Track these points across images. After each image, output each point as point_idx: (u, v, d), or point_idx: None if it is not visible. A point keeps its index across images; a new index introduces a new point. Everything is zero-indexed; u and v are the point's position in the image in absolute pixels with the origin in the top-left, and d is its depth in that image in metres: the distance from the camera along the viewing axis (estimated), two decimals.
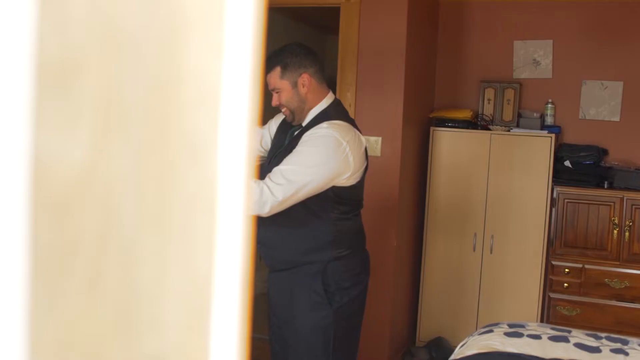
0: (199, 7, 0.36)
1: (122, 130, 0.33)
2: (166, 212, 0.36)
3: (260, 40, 0.40)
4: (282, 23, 5.70)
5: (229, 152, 0.38)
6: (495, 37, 4.62)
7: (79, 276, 0.30)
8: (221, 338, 0.38)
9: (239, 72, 0.39)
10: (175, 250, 0.37)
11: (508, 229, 4.32)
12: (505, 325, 2.80)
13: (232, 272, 0.38)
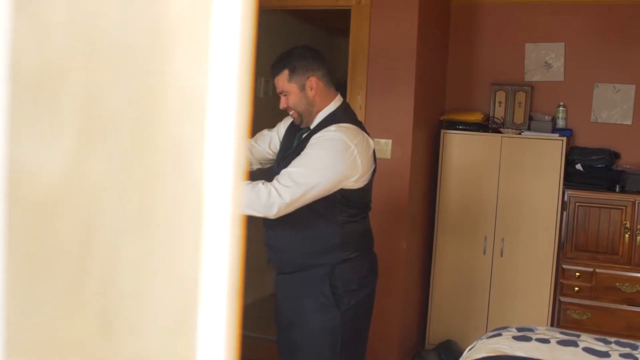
0: (184, 15, 0.37)
1: (104, 137, 0.33)
2: (150, 216, 0.36)
3: (249, 47, 0.41)
4: (293, 25, 5.71)
5: (215, 158, 0.38)
6: (506, 40, 4.61)
7: (60, 280, 0.31)
8: (209, 341, 0.39)
9: (226, 79, 0.39)
10: (159, 254, 0.37)
11: (519, 232, 4.30)
12: (513, 329, 2.79)
13: (220, 276, 0.39)
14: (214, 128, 0.38)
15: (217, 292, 0.39)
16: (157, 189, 0.36)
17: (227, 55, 0.38)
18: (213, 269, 0.38)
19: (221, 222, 0.39)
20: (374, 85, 4.05)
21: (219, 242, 0.39)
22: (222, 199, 0.39)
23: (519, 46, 4.57)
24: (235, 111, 0.39)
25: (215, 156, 0.38)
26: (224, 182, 0.38)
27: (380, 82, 4.03)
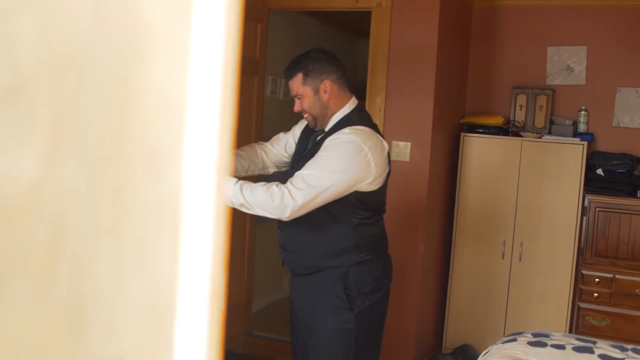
0: (162, 22, 0.38)
1: (75, 145, 0.34)
2: (124, 220, 0.37)
3: (234, 55, 0.41)
4: (315, 27, 5.73)
5: (196, 163, 0.39)
6: (528, 43, 4.57)
7: (28, 283, 0.32)
8: (188, 345, 0.39)
9: (208, 84, 0.40)
10: (134, 256, 0.38)
11: (538, 237, 4.27)
12: (529, 334, 2.77)
13: (201, 279, 0.40)
14: (194, 133, 0.39)
15: (198, 295, 0.39)
16: (133, 193, 0.37)
17: (209, 61, 0.39)
18: (193, 271, 0.39)
19: (202, 226, 0.39)
20: (393, 88, 4.05)
21: (199, 245, 0.39)
22: (203, 203, 0.39)
23: (541, 49, 4.54)
24: (219, 116, 0.40)
25: (196, 161, 0.39)
26: (205, 186, 0.39)
27: (400, 84, 4.02)
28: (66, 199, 0.33)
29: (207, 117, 0.39)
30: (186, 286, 0.40)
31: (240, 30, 0.44)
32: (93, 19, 0.33)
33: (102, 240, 0.36)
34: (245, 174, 2.93)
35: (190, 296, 0.40)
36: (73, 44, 0.33)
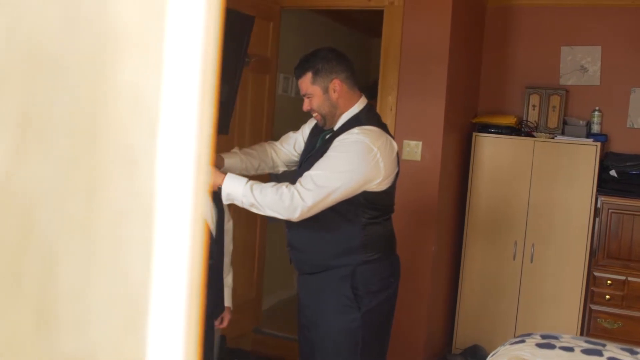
0: (133, 24, 0.38)
1: (44, 142, 0.34)
2: (95, 218, 0.37)
3: (213, 55, 0.41)
4: (327, 25, 5.72)
5: (171, 162, 0.39)
6: (542, 43, 4.54)
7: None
8: (164, 341, 0.39)
9: (184, 85, 0.40)
10: (103, 255, 0.38)
11: (549, 238, 4.24)
12: (538, 336, 2.75)
13: (176, 276, 0.40)
14: (170, 132, 0.39)
15: (173, 292, 0.40)
16: (104, 190, 0.37)
17: (186, 62, 0.39)
18: (168, 269, 0.39)
19: (178, 225, 0.39)
20: (405, 87, 4.04)
21: (175, 243, 0.39)
22: (180, 200, 0.39)
23: (555, 49, 4.50)
24: (197, 115, 0.40)
25: (172, 159, 0.39)
26: (182, 184, 0.39)
27: (411, 83, 4.01)
28: (35, 195, 0.33)
29: (184, 116, 0.39)
30: (161, 283, 0.40)
31: (220, 31, 0.44)
32: (61, 20, 0.33)
33: (71, 237, 0.36)
34: (255, 173, 2.93)
35: (165, 293, 0.40)
36: (41, 43, 0.33)
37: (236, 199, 2.46)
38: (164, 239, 0.40)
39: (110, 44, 0.37)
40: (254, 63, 4.10)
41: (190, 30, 0.40)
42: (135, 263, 0.39)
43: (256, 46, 4.08)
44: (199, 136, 0.41)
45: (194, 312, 0.41)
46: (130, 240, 0.39)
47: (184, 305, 0.41)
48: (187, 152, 0.41)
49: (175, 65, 0.40)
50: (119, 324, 0.39)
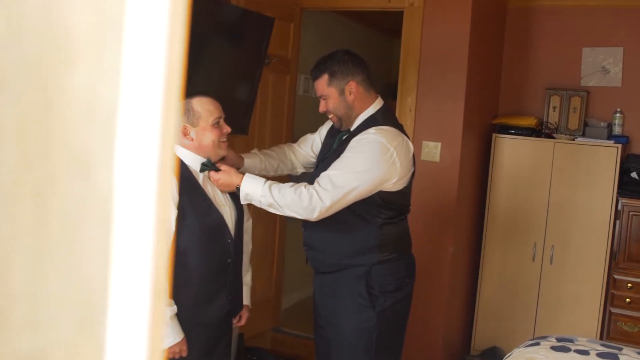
0: (87, 30, 0.39)
1: None
2: (47, 221, 0.39)
3: (178, 58, 0.43)
4: (349, 26, 5.73)
5: (131, 168, 0.40)
6: (563, 44, 4.51)
7: None
8: (124, 342, 0.41)
9: (146, 90, 0.41)
10: (57, 257, 0.40)
11: (569, 240, 4.22)
12: (553, 338, 2.74)
13: (136, 279, 0.41)
14: (130, 136, 0.40)
15: (136, 293, 0.41)
16: (57, 193, 0.39)
17: (148, 67, 0.40)
18: (129, 270, 0.41)
19: (140, 227, 0.41)
20: (424, 88, 4.04)
21: (137, 246, 0.41)
22: (141, 204, 0.41)
23: (576, 50, 4.47)
24: (160, 120, 0.41)
25: (132, 163, 0.40)
26: (144, 188, 0.41)
27: (431, 84, 4.01)
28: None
29: (146, 120, 0.41)
30: (122, 285, 0.42)
31: (186, 37, 0.45)
32: (5, 28, 0.35)
33: (22, 239, 0.37)
34: (274, 174, 2.96)
35: (127, 295, 0.41)
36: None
37: (254, 199, 2.49)
38: (125, 241, 0.42)
39: (61, 49, 0.38)
40: (274, 64, 4.13)
41: (152, 34, 0.41)
42: (92, 264, 0.41)
43: (277, 47, 4.11)
44: (163, 139, 0.43)
45: (159, 313, 0.42)
46: (87, 242, 0.40)
47: (148, 306, 0.43)
48: (149, 155, 0.42)
49: (136, 69, 0.41)
50: (74, 323, 0.40)
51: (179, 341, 2.39)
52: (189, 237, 2.41)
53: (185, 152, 2.49)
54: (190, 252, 2.43)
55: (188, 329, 2.43)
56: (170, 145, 0.42)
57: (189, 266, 2.44)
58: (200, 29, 3.31)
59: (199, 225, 2.44)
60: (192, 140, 2.47)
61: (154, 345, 0.43)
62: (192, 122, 2.46)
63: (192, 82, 3.23)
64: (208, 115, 2.47)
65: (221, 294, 2.54)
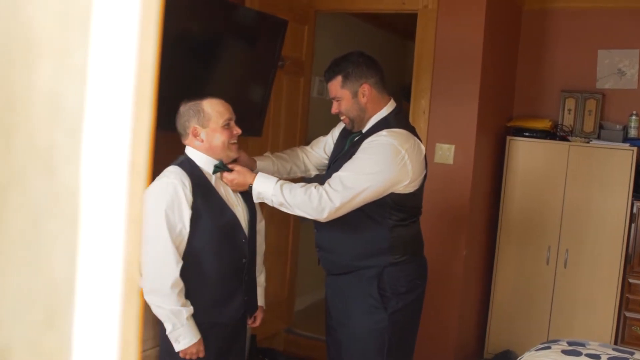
0: (52, 33, 0.40)
1: None
2: (9, 217, 0.40)
3: (150, 57, 0.43)
4: (363, 28, 5.74)
5: (100, 166, 0.41)
6: (578, 46, 4.48)
7: None
8: (92, 337, 0.42)
9: (115, 91, 0.42)
10: (20, 253, 0.40)
11: (584, 243, 4.19)
12: (564, 342, 2.73)
13: (106, 276, 0.42)
14: (97, 136, 0.41)
15: (104, 290, 0.42)
16: (20, 190, 0.40)
17: (117, 66, 0.41)
18: (97, 267, 0.42)
19: (109, 224, 0.42)
20: (438, 90, 4.03)
21: (106, 242, 0.42)
22: (111, 202, 0.42)
23: (591, 52, 4.45)
24: (131, 118, 0.42)
25: (101, 162, 0.41)
26: (114, 186, 0.41)
27: (444, 86, 4.01)
28: None
29: (116, 119, 0.41)
30: (90, 281, 0.42)
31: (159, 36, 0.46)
32: None
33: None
34: (287, 176, 2.98)
35: (96, 290, 0.42)
36: None
37: (266, 197, 2.51)
38: (93, 237, 0.42)
39: (25, 48, 0.39)
40: (288, 66, 4.14)
41: (122, 33, 0.42)
42: (57, 260, 0.41)
43: (291, 49, 4.12)
44: (134, 138, 0.43)
45: (132, 308, 0.43)
46: (52, 238, 0.41)
47: (119, 302, 0.43)
48: (120, 153, 0.43)
49: (104, 68, 0.42)
50: (38, 319, 0.41)
51: (196, 342, 2.40)
52: (203, 237, 2.43)
53: (196, 153, 2.50)
54: (205, 253, 2.45)
55: (204, 329, 2.45)
56: (144, 143, 0.43)
57: (204, 267, 2.46)
58: (214, 31, 3.34)
59: (213, 226, 2.45)
60: (202, 141, 2.49)
61: (127, 341, 0.44)
62: (202, 123, 2.48)
63: (206, 83, 3.26)
64: (218, 116, 2.48)
65: (237, 294, 2.56)
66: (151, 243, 2.37)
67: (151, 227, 2.37)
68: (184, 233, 2.39)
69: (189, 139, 2.51)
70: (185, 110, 2.51)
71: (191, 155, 2.51)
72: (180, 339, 2.37)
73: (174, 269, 2.36)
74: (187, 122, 2.49)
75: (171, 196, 2.36)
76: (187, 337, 2.38)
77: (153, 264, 2.37)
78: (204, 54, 3.26)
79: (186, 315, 2.37)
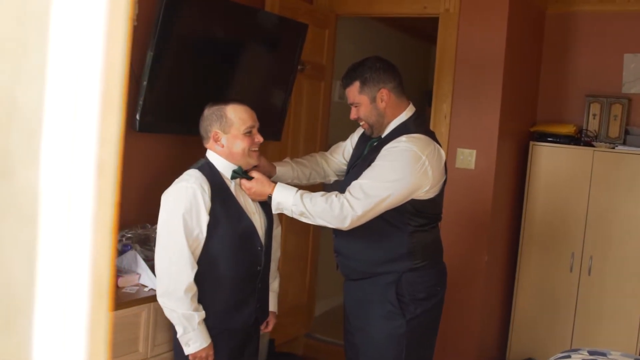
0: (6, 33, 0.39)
1: None
2: None
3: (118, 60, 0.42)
4: (386, 32, 5.72)
5: (61, 168, 0.40)
6: (604, 50, 4.41)
7: None
8: (54, 344, 0.41)
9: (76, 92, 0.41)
10: None
11: (608, 250, 4.12)
12: (585, 351, 2.67)
13: (70, 280, 0.41)
14: (59, 136, 0.40)
15: (69, 294, 0.41)
16: None
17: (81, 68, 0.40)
18: (60, 271, 0.41)
19: (74, 227, 0.41)
20: (459, 94, 4.00)
21: (69, 246, 0.41)
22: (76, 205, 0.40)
23: (617, 56, 4.37)
24: (98, 120, 0.41)
25: (64, 163, 0.40)
26: (80, 189, 0.40)
27: (466, 91, 3.97)
28: None
29: (80, 120, 0.40)
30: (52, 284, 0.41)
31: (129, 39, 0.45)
32: None
33: None
34: (307, 182, 2.96)
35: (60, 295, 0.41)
36: None
37: (286, 208, 2.49)
38: (56, 241, 0.41)
39: None
40: (309, 70, 4.14)
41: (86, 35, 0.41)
42: (15, 264, 0.40)
43: (311, 53, 4.12)
44: (101, 141, 0.42)
45: (101, 313, 0.42)
46: (10, 242, 0.40)
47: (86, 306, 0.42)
48: (86, 156, 0.41)
49: (66, 70, 0.41)
50: None
51: (206, 346, 2.40)
52: (219, 244, 2.43)
53: (216, 157, 2.50)
54: (221, 259, 2.45)
55: (215, 334, 2.44)
56: (112, 144, 0.42)
57: (220, 273, 2.46)
58: (235, 36, 3.34)
59: (231, 233, 2.45)
60: (223, 146, 2.48)
61: (95, 347, 0.43)
62: (224, 128, 2.47)
63: (227, 88, 3.26)
64: (240, 123, 2.48)
65: (250, 301, 2.55)
66: (167, 246, 2.38)
67: (168, 230, 2.38)
68: (200, 238, 2.39)
69: (210, 142, 2.51)
70: (208, 114, 2.51)
71: (211, 159, 2.51)
72: (190, 343, 2.37)
73: (189, 274, 2.36)
74: (209, 126, 2.49)
75: (190, 201, 2.36)
76: (198, 341, 2.38)
77: (168, 267, 2.37)
78: (225, 58, 3.28)
79: (198, 320, 2.37)
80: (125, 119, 2.95)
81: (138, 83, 2.94)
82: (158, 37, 2.84)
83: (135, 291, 2.70)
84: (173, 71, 3.05)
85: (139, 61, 2.95)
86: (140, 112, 2.93)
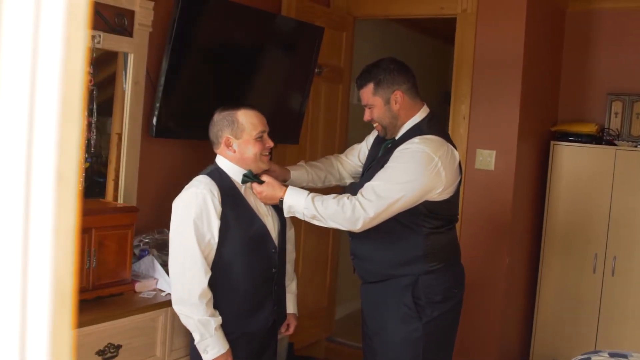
0: None
1: None
2: None
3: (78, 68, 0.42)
4: (404, 34, 5.69)
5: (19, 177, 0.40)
6: (625, 48, 4.35)
7: None
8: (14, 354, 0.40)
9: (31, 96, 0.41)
10: None
11: (632, 251, 4.05)
12: (605, 353, 2.63)
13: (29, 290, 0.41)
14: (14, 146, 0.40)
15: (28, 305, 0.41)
16: None
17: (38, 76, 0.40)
18: (19, 281, 0.40)
19: (33, 236, 0.40)
20: (478, 95, 3.97)
21: (29, 255, 0.40)
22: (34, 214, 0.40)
23: (639, 54, 4.31)
24: (57, 120, 0.41)
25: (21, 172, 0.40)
26: (39, 197, 0.40)
27: (485, 91, 3.94)
28: None
29: (37, 128, 0.40)
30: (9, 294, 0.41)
31: (89, 39, 0.44)
32: None
33: None
34: (322, 185, 2.96)
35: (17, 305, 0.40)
36: None
37: (298, 211, 2.49)
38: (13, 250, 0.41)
39: None
40: (327, 73, 4.13)
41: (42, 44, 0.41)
42: None
43: (329, 56, 4.11)
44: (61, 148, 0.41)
45: (63, 318, 0.42)
46: None
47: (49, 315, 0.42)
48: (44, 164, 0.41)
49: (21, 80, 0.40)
50: None
51: (224, 352, 2.39)
52: (232, 248, 2.43)
53: (227, 163, 2.51)
54: (234, 263, 2.45)
55: (233, 339, 2.44)
56: (72, 153, 0.42)
57: (234, 277, 2.46)
58: (253, 40, 3.35)
59: (243, 236, 2.45)
60: (235, 152, 2.49)
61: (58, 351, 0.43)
62: (236, 134, 2.48)
63: (244, 92, 3.27)
64: (252, 128, 2.48)
65: (267, 304, 2.55)
66: (180, 253, 2.38)
67: (180, 237, 2.38)
68: (212, 243, 2.40)
69: (220, 148, 2.52)
70: (219, 120, 2.51)
71: (221, 165, 2.51)
72: (208, 349, 2.37)
73: (202, 279, 2.36)
74: (220, 131, 2.50)
75: (200, 206, 2.36)
76: (216, 347, 2.37)
77: (181, 274, 2.38)
78: (241, 63, 3.29)
79: (215, 326, 2.36)
80: (142, 124, 2.98)
81: (154, 88, 2.96)
82: (174, 42, 2.86)
83: (153, 296, 2.71)
84: (189, 76, 3.06)
85: (155, 66, 2.97)
86: (156, 118, 2.95)
